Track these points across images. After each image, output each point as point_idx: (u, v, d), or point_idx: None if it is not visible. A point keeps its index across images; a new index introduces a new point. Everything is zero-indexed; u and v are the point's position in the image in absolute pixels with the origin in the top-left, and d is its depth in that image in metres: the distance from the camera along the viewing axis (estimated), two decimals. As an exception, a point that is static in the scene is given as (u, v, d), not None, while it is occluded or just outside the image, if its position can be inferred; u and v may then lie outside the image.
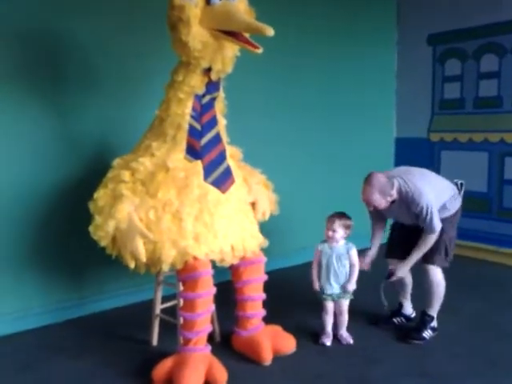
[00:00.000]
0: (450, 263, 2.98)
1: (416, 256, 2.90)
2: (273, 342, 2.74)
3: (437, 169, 4.96)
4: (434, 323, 2.99)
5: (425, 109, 5.03)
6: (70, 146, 3.27)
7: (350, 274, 2.88)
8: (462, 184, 3.07)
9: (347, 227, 2.88)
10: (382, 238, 3.15)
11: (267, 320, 2.87)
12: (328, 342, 2.91)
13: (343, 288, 2.89)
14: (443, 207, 2.92)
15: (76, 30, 3.21)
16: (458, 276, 3.26)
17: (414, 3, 5.05)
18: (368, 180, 2.85)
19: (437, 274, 2.92)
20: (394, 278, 2.95)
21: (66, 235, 3.27)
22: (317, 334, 2.99)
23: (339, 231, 2.85)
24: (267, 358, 2.67)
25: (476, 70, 4.61)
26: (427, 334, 2.94)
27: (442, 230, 2.88)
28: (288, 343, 2.80)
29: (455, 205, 2.99)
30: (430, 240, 2.86)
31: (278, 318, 3.00)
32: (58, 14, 3.14)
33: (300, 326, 3.08)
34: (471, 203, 4.67)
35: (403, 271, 2.94)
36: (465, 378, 2.53)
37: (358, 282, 2.93)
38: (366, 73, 4.95)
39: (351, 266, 2.88)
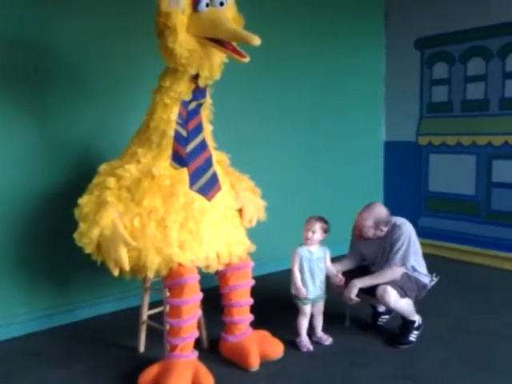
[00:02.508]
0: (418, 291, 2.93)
1: (370, 280, 2.87)
2: (260, 347, 2.73)
3: (425, 172, 5.00)
4: (418, 322, 2.96)
5: (413, 112, 5.05)
6: (57, 150, 3.24)
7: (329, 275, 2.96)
8: (435, 278, 3.02)
9: (325, 230, 2.92)
10: (348, 267, 3.13)
11: (255, 325, 2.86)
12: (311, 346, 2.91)
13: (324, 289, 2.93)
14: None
15: (63, 33, 3.19)
16: (445, 279, 3.26)
17: (401, 8, 5.08)
18: (370, 206, 2.96)
19: (389, 294, 2.78)
20: (350, 302, 2.92)
21: (51, 241, 3.24)
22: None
23: (318, 233, 2.87)
24: (254, 364, 2.66)
25: (463, 73, 4.64)
26: (413, 336, 2.94)
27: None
28: (275, 348, 2.79)
29: (422, 293, 2.98)
30: (392, 273, 2.84)
31: (266, 323, 2.99)
32: (43, 19, 3.11)
33: (288, 330, 3.05)
34: (460, 206, 4.71)
35: (353, 292, 2.86)
36: (452, 382, 2.53)
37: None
38: (355, 77, 4.96)
39: (327, 267, 2.94)
